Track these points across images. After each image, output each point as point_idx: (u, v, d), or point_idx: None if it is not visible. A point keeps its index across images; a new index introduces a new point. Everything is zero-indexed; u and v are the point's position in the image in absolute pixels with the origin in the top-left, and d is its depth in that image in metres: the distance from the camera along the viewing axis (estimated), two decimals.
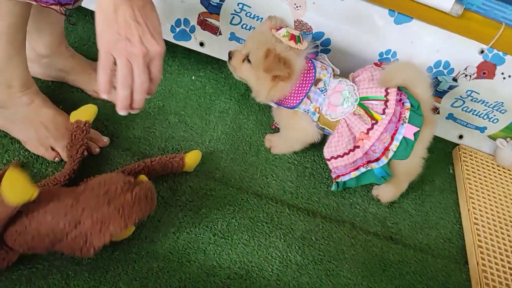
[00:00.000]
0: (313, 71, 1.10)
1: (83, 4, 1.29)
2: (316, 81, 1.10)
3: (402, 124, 1.06)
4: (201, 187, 1.09)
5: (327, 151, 1.14)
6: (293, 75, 1.06)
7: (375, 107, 1.08)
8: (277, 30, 1.05)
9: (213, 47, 1.35)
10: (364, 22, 1.25)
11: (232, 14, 1.29)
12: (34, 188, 0.74)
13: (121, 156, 1.08)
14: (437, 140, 1.49)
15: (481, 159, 1.46)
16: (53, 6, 0.85)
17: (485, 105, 1.38)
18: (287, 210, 1.13)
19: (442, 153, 1.48)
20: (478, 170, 1.42)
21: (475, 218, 1.26)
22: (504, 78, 1.30)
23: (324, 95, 1.10)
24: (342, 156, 1.12)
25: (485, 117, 1.42)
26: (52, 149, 1.02)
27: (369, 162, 1.11)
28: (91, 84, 1.19)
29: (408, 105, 1.07)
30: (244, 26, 1.29)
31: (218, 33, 1.33)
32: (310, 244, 1.09)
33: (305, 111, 1.12)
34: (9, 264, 0.83)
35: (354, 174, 1.14)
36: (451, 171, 1.43)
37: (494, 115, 1.41)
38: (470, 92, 1.35)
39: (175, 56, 1.39)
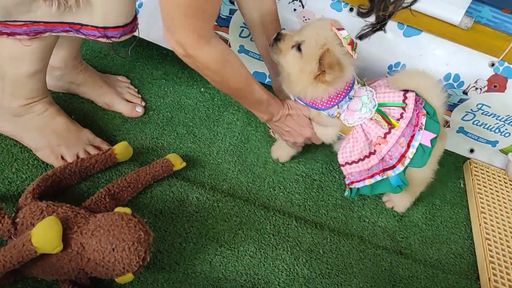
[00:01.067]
0: (352, 82, 1.07)
1: None
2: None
3: (419, 130, 1.04)
4: (208, 198, 1.09)
5: (342, 157, 1.12)
6: (338, 82, 1.03)
7: (393, 113, 1.05)
8: (338, 30, 1.01)
9: None
10: (373, 35, 1.25)
11: (241, 27, 1.30)
12: (60, 244, 0.77)
13: (129, 166, 1.09)
14: (447, 154, 1.48)
15: (493, 174, 1.44)
16: (100, 39, 0.89)
17: (496, 119, 1.37)
18: (295, 222, 1.12)
19: (453, 167, 1.46)
20: (489, 184, 1.39)
21: (487, 233, 1.23)
22: None
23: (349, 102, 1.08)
24: (357, 162, 1.10)
25: (497, 131, 1.40)
26: (62, 158, 1.03)
27: (384, 170, 1.09)
28: (102, 97, 1.20)
29: (424, 111, 1.05)
30: (252, 39, 1.30)
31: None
32: (318, 257, 1.07)
33: (329, 115, 1.08)
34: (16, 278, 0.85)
35: (369, 181, 1.11)
36: (462, 185, 1.41)
37: (506, 129, 1.39)
38: (481, 105, 1.34)
39: (184, 68, 1.40)
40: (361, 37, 1.00)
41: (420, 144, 1.05)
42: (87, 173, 1.03)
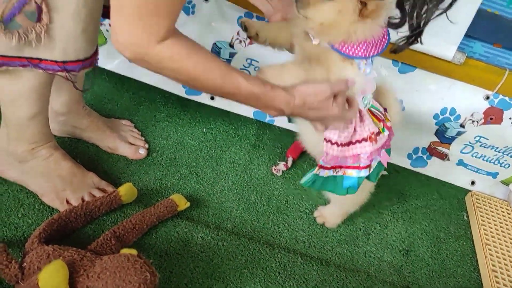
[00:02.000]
0: (386, 41, 0.93)
1: (100, 64, 1.36)
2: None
3: (383, 149, 1.03)
4: (212, 237, 1.09)
5: (329, 132, 0.97)
6: (382, 17, 0.89)
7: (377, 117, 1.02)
8: None
9: (223, 100, 1.38)
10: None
11: (241, 68, 1.34)
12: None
13: (134, 207, 1.09)
14: (449, 186, 1.49)
15: (495, 205, 1.44)
16: (59, 73, 0.89)
17: (495, 150, 1.38)
18: (300, 259, 1.12)
19: (455, 199, 1.46)
20: (493, 216, 1.39)
21: (493, 265, 1.23)
22: None
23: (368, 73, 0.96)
24: (337, 146, 0.98)
25: (496, 162, 1.42)
26: (67, 201, 1.04)
27: (342, 167, 1.01)
28: (106, 141, 1.22)
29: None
30: None
31: None
32: None
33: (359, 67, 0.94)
34: None
35: (326, 173, 1.02)
36: (465, 217, 1.41)
37: (505, 160, 1.41)
38: (479, 137, 1.36)
39: (186, 110, 1.43)
40: (395, 51, 0.91)
41: (379, 161, 1.03)
42: (92, 216, 1.04)
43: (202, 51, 0.80)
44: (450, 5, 0.76)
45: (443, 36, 1.18)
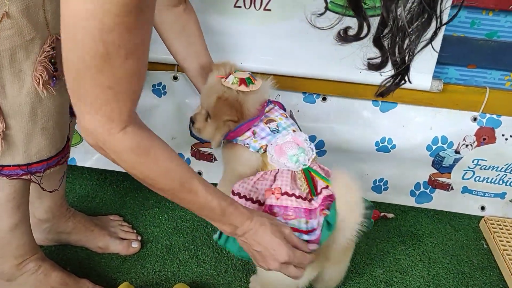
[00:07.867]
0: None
1: (79, 163, 1.32)
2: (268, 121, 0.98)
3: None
4: None
5: (238, 185, 0.93)
6: (245, 116, 0.96)
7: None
8: (226, 78, 0.97)
9: (211, 173, 1.35)
10: (351, 117, 1.27)
11: None
12: None
13: None
14: (460, 217, 1.43)
15: (511, 226, 1.38)
16: (24, 177, 0.85)
17: (496, 170, 1.34)
18: None
19: (469, 229, 1.39)
20: None
21: None
22: (506, 139, 1.28)
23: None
24: (245, 200, 0.91)
25: (501, 182, 1.37)
26: None
27: None
28: (95, 241, 1.16)
29: (327, 212, 0.87)
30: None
31: (213, 160, 1.34)
32: None
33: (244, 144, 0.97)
34: None
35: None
36: (485, 246, 1.34)
37: (509, 178, 1.36)
38: (477, 160, 1.32)
39: None
40: (382, 94, 0.79)
41: None
42: None
43: (163, 149, 0.73)
44: (435, 33, 0.65)
45: (416, 67, 1.16)
